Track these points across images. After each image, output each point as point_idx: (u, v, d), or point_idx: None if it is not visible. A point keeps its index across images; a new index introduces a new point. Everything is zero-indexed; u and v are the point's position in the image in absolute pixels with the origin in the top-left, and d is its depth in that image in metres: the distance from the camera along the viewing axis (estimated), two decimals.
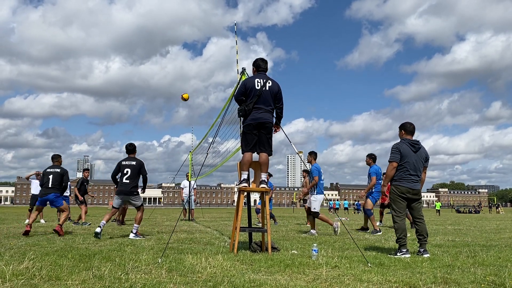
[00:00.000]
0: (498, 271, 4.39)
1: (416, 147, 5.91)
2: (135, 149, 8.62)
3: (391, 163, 5.91)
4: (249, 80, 6.00)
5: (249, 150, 5.94)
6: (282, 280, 3.80)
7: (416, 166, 5.87)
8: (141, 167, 8.36)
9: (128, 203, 8.53)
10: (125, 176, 8.24)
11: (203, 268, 4.30)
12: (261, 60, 6.16)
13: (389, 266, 4.72)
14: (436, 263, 4.95)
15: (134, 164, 8.34)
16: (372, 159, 10.68)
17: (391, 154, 5.94)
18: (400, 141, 6.05)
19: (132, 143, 8.65)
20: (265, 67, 6.12)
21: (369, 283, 3.75)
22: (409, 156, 5.85)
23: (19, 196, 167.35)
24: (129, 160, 8.43)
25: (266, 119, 5.88)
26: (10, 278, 3.75)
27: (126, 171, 8.26)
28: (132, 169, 8.27)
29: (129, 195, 8.25)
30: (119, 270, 4.21)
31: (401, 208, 5.85)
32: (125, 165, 8.34)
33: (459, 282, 3.80)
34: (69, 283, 3.61)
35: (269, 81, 5.97)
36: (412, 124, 6.10)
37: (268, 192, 6.11)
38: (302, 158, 8.06)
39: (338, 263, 4.80)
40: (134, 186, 8.26)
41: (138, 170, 8.32)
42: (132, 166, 8.30)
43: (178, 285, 3.51)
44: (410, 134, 6.05)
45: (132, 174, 8.25)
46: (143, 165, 8.42)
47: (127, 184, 8.20)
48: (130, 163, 8.36)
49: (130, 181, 8.22)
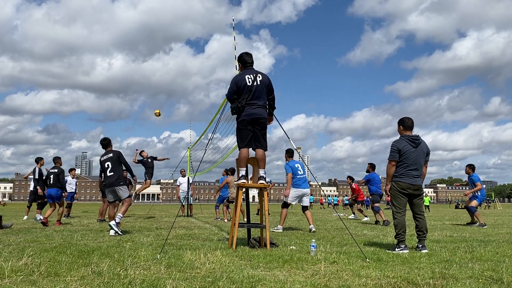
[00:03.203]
0: (495, 266, 4.40)
1: (416, 143, 5.90)
2: (109, 142, 8.75)
3: (389, 162, 5.91)
4: (239, 77, 5.91)
5: (245, 146, 5.93)
6: (280, 276, 3.81)
7: (417, 161, 5.87)
8: (118, 157, 8.47)
9: (116, 194, 8.42)
10: (107, 170, 8.38)
11: (202, 264, 4.31)
12: (246, 55, 6.07)
13: (387, 262, 4.74)
14: (434, 259, 4.96)
15: (111, 155, 8.47)
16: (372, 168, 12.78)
17: (390, 152, 5.94)
18: (399, 137, 6.03)
19: (105, 137, 8.85)
20: (251, 61, 6.05)
21: (368, 278, 3.76)
22: (409, 152, 5.85)
23: (17, 192, 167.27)
24: (106, 154, 8.58)
25: (260, 114, 5.85)
26: (9, 274, 3.76)
27: (107, 165, 8.41)
28: (111, 162, 8.40)
29: (115, 186, 8.29)
30: (118, 266, 4.22)
31: (401, 204, 5.85)
32: (104, 160, 8.50)
33: (457, 277, 3.82)
34: (68, 279, 3.61)
35: (259, 75, 5.91)
36: (410, 119, 6.08)
37: (267, 188, 6.12)
38: (300, 155, 8.07)
39: (337, 258, 4.82)
40: (118, 177, 8.35)
41: (116, 160, 8.42)
42: (110, 159, 8.43)
43: (177, 281, 3.51)
44: (409, 130, 6.03)
45: (113, 166, 8.37)
46: (120, 154, 8.53)
47: (111, 177, 8.32)
48: (108, 156, 8.50)
49: (113, 173, 8.33)
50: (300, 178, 9.28)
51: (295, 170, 9.26)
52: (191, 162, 18.02)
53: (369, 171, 12.79)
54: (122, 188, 8.33)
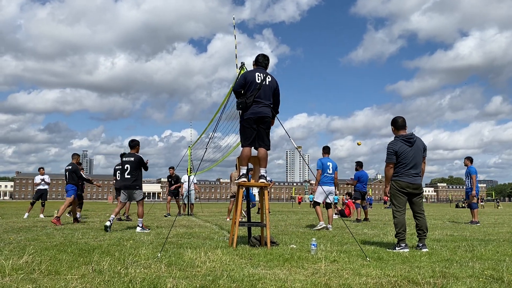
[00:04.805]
0: (496, 265, 4.40)
1: (411, 141, 5.88)
2: (136, 145, 8.94)
3: (387, 165, 5.91)
4: (249, 73, 5.98)
5: (248, 145, 5.93)
6: (281, 274, 3.81)
7: (415, 159, 5.85)
8: (139, 162, 8.72)
9: (130, 196, 8.88)
10: (126, 171, 8.69)
11: (202, 263, 4.31)
12: (261, 56, 6.16)
13: (388, 261, 4.74)
14: (434, 258, 4.96)
15: (133, 160, 8.73)
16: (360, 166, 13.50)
17: (386, 155, 5.92)
18: (394, 138, 5.99)
19: (134, 139, 9.08)
20: (264, 63, 6.11)
21: (368, 277, 3.76)
22: (406, 151, 5.83)
23: (18, 191, 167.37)
24: (128, 156, 8.84)
25: (265, 113, 5.87)
26: (10, 272, 3.76)
27: (126, 167, 8.71)
28: (131, 165, 8.68)
29: (131, 189, 8.71)
30: (119, 264, 4.22)
31: (400, 203, 5.85)
32: (125, 161, 8.81)
33: (458, 276, 3.82)
34: (68, 277, 3.62)
35: (269, 76, 5.98)
36: (402, 117, 6.04)
37: (267, 187, 6.12)
38: (301, 153, 8.10)
39: (337, 257, 4.82)
40: (135, 180, 8.70)
41: (137, 165, 8.69)
42: (131, 162, 8.71)
43: (177, 280, 3.52)
44: (402, 129, 5.99)
45: (132, 169, 8.65)
46: (141, 159, 8.77)
47: (128, 179, 8.67)
48: (129, 159, 8.77)
49: (130, 176, 8.66)
50: (326, 175, 9.50)
51: (325, 168, 9.50)
52: (191, 161, 18.03)
53: (357, 169, 13.57)
54: (137, 192, 8.78)
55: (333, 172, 9.65)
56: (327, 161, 9.63)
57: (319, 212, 9.43)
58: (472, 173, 12.19)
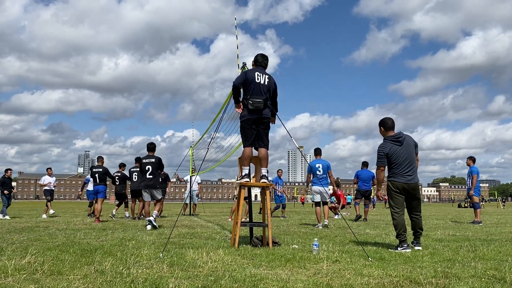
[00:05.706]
0: (498, 265, 4.39)
1: (400, 140, 5.84)
2: (154, 148, 9.73)
3: (378, 168, 5.90)
4: (250, 72, 6.00)
5: (249, 145, 5.95)
6: (283, 275, 3.81)
7: (408, 157, 5.81)
8: (159, 163, 9.48)
9: (153, 195, 9.54)
10: (147, 172, 9.39)
11: (204, 263, 4.32)
12: (261, 56, 6.20)
13: (390, 261, 4.73)
14: (436, 258, 4.95)
15: (153, 161, 9.46)
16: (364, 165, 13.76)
17: (377, 158, 5.88)
18: (383, 140, 5.97)
19: (152, 142, 9.80)
20: (263, 63, 6.14)
21: (370, 277, 3.76)
22: (397, 152, 5.80)
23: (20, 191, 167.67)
24: (148, 158, 9.53)
25: (264, 114, 5.90)
26: (12, 273, 3.77)
27: (147, 168, 9.38)
28: (152, 166, 9.39)
29: (153, 189, 9.42)
30: (121, 264, 4.23)
31: (398, 204, 5.83)
32: (146, 162, 9.47)
33: (460, 276, 3.81)
34: (71, 277, 3.63)
35: (268, 76, 6.02)
36: (391, 119, 6.03)
37: (269, 186, 6.12)
38: (303, 153, 8.13)
39: (339, 257, 4.82)
40: (156, 180, 9.47)
41: (158, 165, 9.44)
42: (152, 163, 9.42)
43: (179, 280, 3.52)
44: (391, 130, 5.96)
45: (154, 170, 9.38)
46: (161, 160, 9.55)
47: (150, 179, 9.38)
48: (150, 160, 9.47)
49: (152, 177, 9.39)
50: (317, 177, 10.02)
51: (315, 170, 10.08)
52: (193, 161, 18.03)
53: (362, 168, 14.00)
54: (158, 191, 9.52)
55: (324, 172, 10.15)
56: (316, 163, 10.23)
57: (317, 213, 10.08)
58: (473, 173, 12.25)
